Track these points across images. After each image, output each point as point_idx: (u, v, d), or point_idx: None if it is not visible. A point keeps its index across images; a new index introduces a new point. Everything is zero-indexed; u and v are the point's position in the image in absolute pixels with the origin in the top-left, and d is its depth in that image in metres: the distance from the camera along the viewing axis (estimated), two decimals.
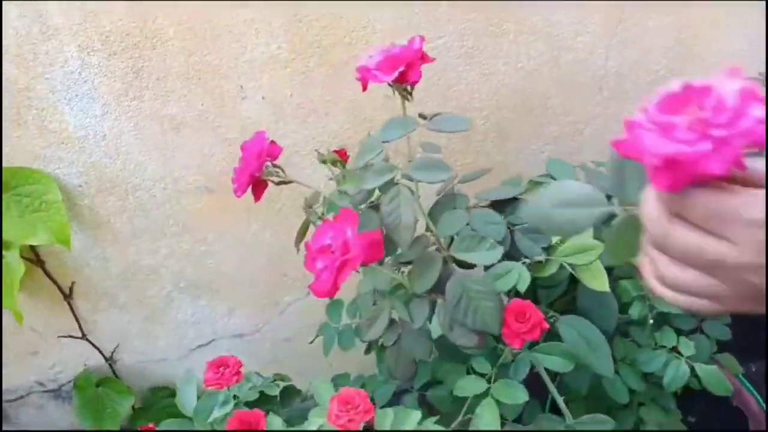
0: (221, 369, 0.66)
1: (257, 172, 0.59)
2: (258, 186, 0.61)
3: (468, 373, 0.72)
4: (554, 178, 0.67)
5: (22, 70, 0.83)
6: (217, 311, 1.17)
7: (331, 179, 0.81)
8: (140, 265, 1.08)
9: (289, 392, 0.70)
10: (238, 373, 0.66)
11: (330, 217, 0.82)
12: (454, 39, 0.91)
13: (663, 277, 0.37)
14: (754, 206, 0.33)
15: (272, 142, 0.63)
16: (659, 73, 1.01)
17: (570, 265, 0.67)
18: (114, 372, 1.22)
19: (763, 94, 0.33)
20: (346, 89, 0.93)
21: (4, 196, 0.91)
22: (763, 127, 0.31)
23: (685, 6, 0.95)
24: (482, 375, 0.73)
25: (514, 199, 0.66)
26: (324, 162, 0.76)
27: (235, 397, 0.66)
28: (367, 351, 0.91)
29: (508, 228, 0.69)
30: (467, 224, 0.63)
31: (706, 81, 0.33)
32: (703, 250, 0.34)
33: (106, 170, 0.94)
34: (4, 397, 1.24)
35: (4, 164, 0.91)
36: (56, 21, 0.80)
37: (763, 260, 0.33)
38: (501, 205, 0.65)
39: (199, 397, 0.66)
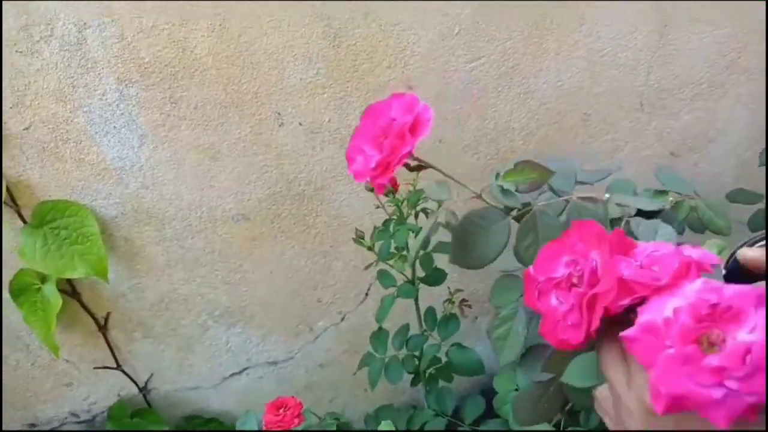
0: (281, 410, 0.64)
1: (406, 157, 0.42)
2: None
3: None
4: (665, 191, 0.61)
5: (61, 104, 0.82)
6: (251, 338, 1.15)
7: (377, 207, 0.79)
8: (175, 294, 1.06)
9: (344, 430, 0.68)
10: (299, 415, 0.64)
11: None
12: (494, 59, 0.89)
13: None
14: None
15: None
16: (702, 87, 0.98)
17: None
18: (147, 402, 1.20)
19: None
20: None
21: (42, 229, 0.90)
22: None
23: (728, 17, 0.93)
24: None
25: (659, 212, 0.58)
26: (371, 191, 0.75)
27: None
28: (414, 382, 0.89)
29: None
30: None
31: (737, 298, 0.33)
32: None
33: (143, 201, 0.93)
34: (39, 428, 1.23)
35: (42, 197, 0.90)
36: (95, 53, 0.79)
37: None
38: (647, 216, 0.57)
39: None
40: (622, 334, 0.35)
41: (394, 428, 0.62)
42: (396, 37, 0.85)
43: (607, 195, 0.54)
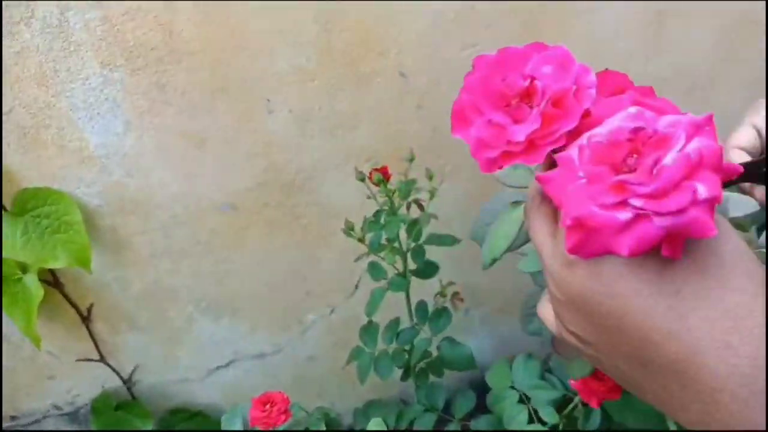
0: (268, 407, 0.62)
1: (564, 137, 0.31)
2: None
3: (531, 418, 0.68)
4: None
5: (43, 89, 0.79)
6: (238, 331, 1.13)
7: (369, 198, 0.77)
8: (161, 286, 1.04)
9: (332, 425, 0.66)
10: (285, 411, 0.62)
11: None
12: (490, 46, 0.87)
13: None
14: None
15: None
16: (700, 78, 0.97)
17: None
18: (132, 394, 1.18)
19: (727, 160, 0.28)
20: (375, 101, 0.90)
21: (23, 217, 0.87)
22: (705, 211, 0.25)
23: (727, 8, 0.91)
24: (544, 423, 0.68)
25: None
26: (362, 180, 0.73)
27: None
28: (404, 377, 0.87)
29: None
30: None
31: (670, 126, 0.28)
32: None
33: (127, 189, 0.91)
34: (21, 420, 1.21)
35: (23, 184, 0.87)
36: (78, 36, 0.76)
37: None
38: None
39: None
40: (537, 174, 0.31)
41: (384, 426, 0.60)
42: (389, 23, 0.83)
43: None
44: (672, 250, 0.26)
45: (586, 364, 0.46)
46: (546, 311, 0.36)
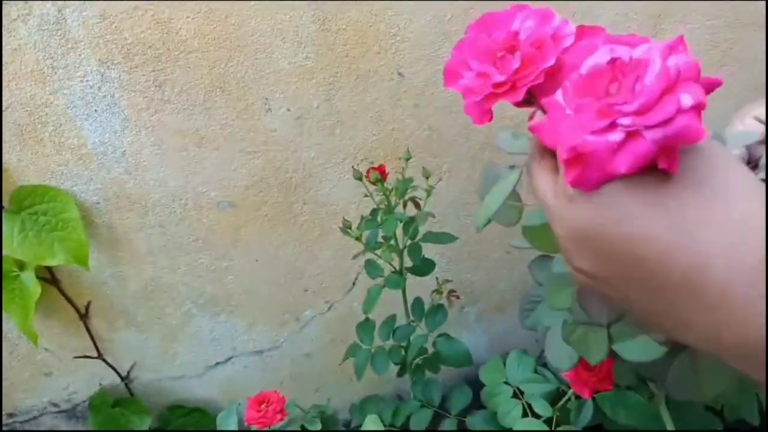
0: (263, 406, 0.62)
1: (542, 74, 0.33)
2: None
3: (525, 413, 0.68)
4: None
5: (40, 86, 0.79)
6: (236, 328, 1.13)
7: (366, 196, 0.78)
8: (159, 283, 1.04)
9: (329, 423, 0.66)
10: (281, 411, 0.62)
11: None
12: None
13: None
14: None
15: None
16: None
17: None
18: (130, 391, 1.19)
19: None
20: (372, 100, 0.90)
21: (20, 215, 0.87)
22: (692, 118, 0.26)
23: (722, 8, 0.92)
24: (538, 417, 0.69)
25: None
26: (359, 179, 0.73)
27: None
28: (400, 373, 0.88)
29: None
30: None
31: (645, 52, 0.28)
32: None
33: (125, 186, 0.91)
34: (18, 418, 1.21)
35: (20, 182, 0.87)
36: (76, 33, 0.77)
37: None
38: None
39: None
40: (530, 124, 0.32)
41: (380, 423, 0.61)
42: (387, 22, 0.84)
43: None
44: (668, 162, 0.27)
45: (603, 345, 0.45)
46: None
